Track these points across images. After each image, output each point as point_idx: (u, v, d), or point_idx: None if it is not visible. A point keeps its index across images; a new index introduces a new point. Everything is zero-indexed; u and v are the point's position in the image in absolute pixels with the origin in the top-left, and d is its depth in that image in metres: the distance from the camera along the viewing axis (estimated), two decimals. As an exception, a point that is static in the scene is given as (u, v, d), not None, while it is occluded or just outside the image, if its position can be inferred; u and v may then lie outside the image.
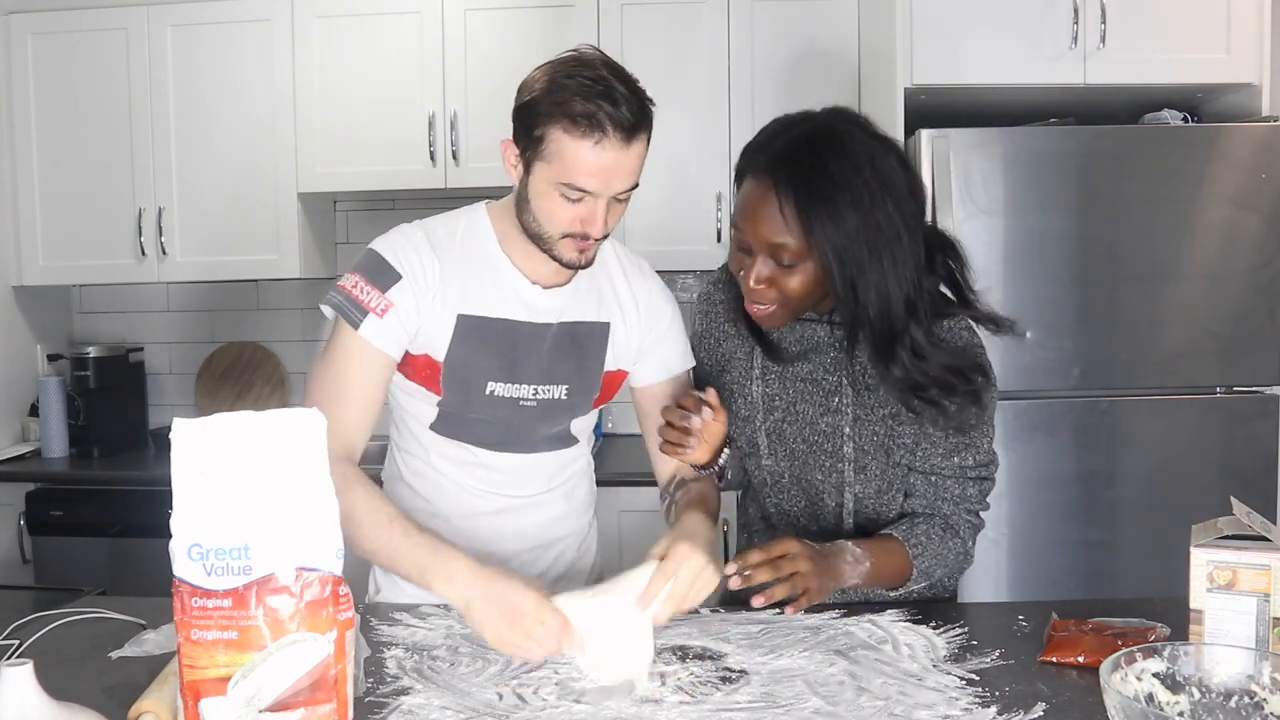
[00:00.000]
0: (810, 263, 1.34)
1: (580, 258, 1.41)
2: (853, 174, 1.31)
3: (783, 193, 1.32)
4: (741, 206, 1.38)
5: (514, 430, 1.52)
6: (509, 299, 1.48)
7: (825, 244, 1.31)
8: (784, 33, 3.04)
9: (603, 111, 1.30)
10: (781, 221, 1.32)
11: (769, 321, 1.44)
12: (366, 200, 3.47)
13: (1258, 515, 1.18)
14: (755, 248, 1.36)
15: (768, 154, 1.36)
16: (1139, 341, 2.58)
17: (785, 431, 1.54)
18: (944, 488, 1.49)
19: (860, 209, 1.30)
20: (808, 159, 1.33)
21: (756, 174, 1.36)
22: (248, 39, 3.15)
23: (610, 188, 1.35)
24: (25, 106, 3.24)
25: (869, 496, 1.52)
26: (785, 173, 1.32)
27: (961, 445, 1.47)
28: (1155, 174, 2.55)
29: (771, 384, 1.55)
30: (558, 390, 1.52)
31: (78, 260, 3.26)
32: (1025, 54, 2.63)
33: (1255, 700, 1.02)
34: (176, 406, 3.57)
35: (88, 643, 1.36)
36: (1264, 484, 2.58)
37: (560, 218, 1.37)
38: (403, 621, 1.45)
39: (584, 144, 1.31)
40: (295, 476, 0.99)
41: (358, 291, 1.43)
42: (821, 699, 1.16)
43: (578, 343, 1.52)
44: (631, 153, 1.34)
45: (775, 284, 1.37)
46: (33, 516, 3.00)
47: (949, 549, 1.47)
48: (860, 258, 1.31)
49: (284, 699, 0.97)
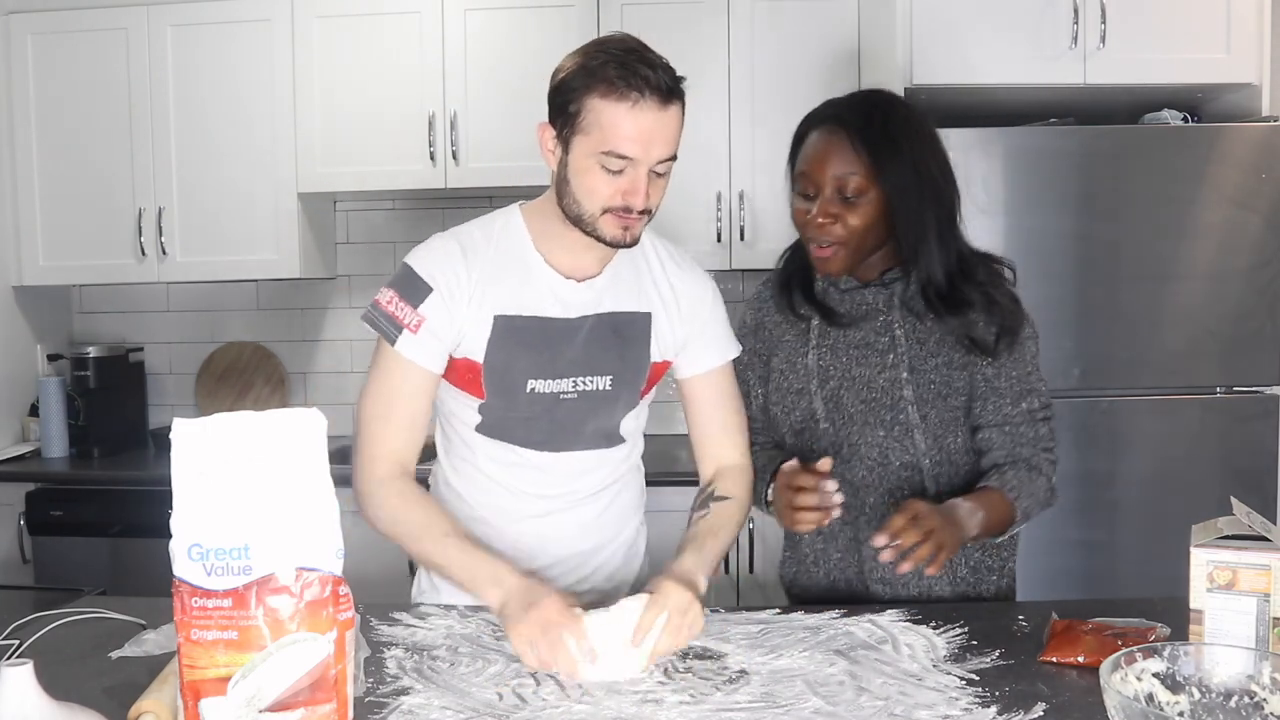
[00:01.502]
0: (872, 194, 1.49)
1: (625, 235, 1.41)
2: (909, 123, 1.54)
3: (852, 131, 1.50)
4: (809, 153, 1.53)
5: (558, 426, 1.52)
6: (543, 296, 1.48)
7: (888, 175, 1.49)
8: (784, 33, 3.04)
9: (638, 75, 1.32)
10: (852, 153, 1.49)
11: (831, 265, 1.54)
12: (366, 200, 3.47)
13: (1258, 515, 1.18)
14: (822, 185, 1.50)
15: (834, 107, 1.55)
16: (1139, 341, 2.58)
17: (842, 397, 1.59)
18: (1019, 434, 1.57)
19: (915, 155, 1.51)
20: (870, 107, 1.54)
21: (824, 123, 1.53)
22: (248, 39, 3.15)
23: (650, 154, 1.35)
24: (25, 106, 3.23)
25: (929, 445, 1.57)
26: (852, 116, 1.51)
27: (1025, 390, 1.57)
28: (1155, 174, 2.55)
29: (825, 355, 1.61)
30: (601, 381, 1.51)
31: (78, 260, 3.26)
32: (1025, 54, 2.63)
33: (1255, 700, 1.02)
34: (176, 406, 3.57)
35: (88, 643, 1.36)
36: (1264, 484, 2.58)
37: (601, 191, 1.37)
38: (403, 621, 1.45)
39: (621, 106, 1.32)
40: (295, 476, 0.99)
41: (392, 308, 1.45)
42: (821, 699, 1.16)
43: (619, 333, 1.52)
44: (669, 116, 1.35)
45: (840, 218, 1.50)
46: (33, 516, 3.00)
47: (1038, 487, 1.55)
48: (920, 190, 1.50)
49: (284, 699, 0.97)
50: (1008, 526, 1.53)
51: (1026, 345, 1.58)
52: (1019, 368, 1.57)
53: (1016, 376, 1.57)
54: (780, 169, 1.63)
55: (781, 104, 3.05)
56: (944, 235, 1.53)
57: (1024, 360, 1.58)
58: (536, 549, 1.54)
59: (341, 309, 3.51)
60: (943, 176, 1.54)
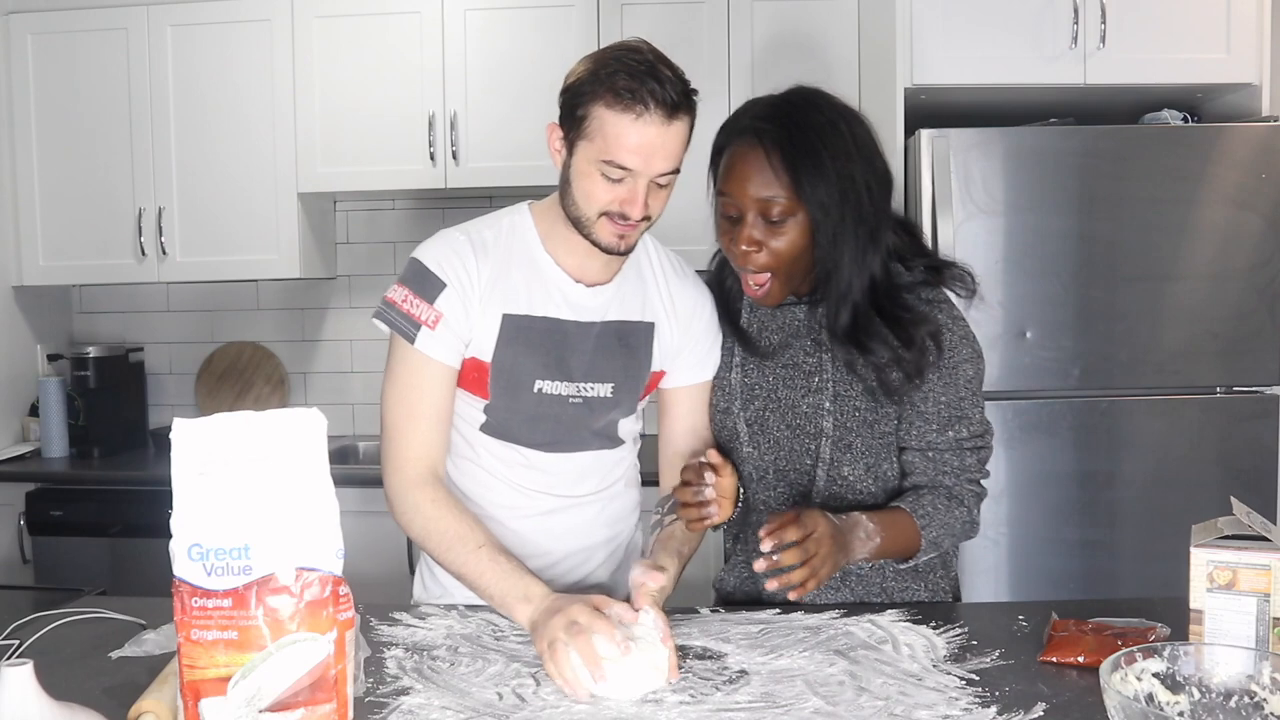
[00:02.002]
0: (798, 217, 1.40)
1: (619, 242, 1.42)
2: (830, 128, 1.41)
3: (770, 146, 1.39)
4: (728, 170, 1.44)
5: (562, 429, 1.53)
6: (554, 298, 1.49)
7: (811, 194, 1.38)
8: (783, 33, 3.03)
9: (645, 88, 1.32)
10: (771, 173, 1.39)
11: (766, 299, 1.47)
12: (366, 200, 3.47)
13: (1258, 515, 1.18)
14: (745, 207, 1.41)
15: (750, 116, 1.44)
16: (1139, 341, 2.58)
17: (768, 420, 1.55)
18: (942, 461, 1.50)
19: (839, 161, 1.39)
20: (790, 117, 1.42)
21: (741, 136, 1.43)
22: (248, 39, 3.15)
23: (651, 167, 1.36)
24: (25, 106, 3.23)
25: (857, 475, 1.52)
26: (771, 128, 1.40)
27: (954, 418, 1.49)
28: (1155, 174, 2.55)
29: (751, 373, 1.57)
30: (603, 388, 1.52)
31: (78, 260, 3.26)
32: (1025, 54, 2.63)
33: (1255, 700, 1.02)
34: (176, 406, 3.57)
35: (88, 643, 1.36)
36: (1264, 484, 2.58)
37: (600, 197, 1.38)
38: (403, 621, 1.45)
39: (625, 118, 1.33)
40: (295, 476, 0.99)
41: (408, 305, 1.45)
42: (821, 699, 1.16)
43: (624, 342, 1.53)
44: (673, 131, 1.36)
45: (765, 245, 1.42)
46: (33, 516, 3.00)
47: (955, 518, 1.49)
48: (842, 209, 1.40)
49: (284, 699, 0.97)
50: (911, 553, 1.48)
51: (961, 369, 1.49)
52: (950, 393, 1.48)
53: (946, 402, 1.48)
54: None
55: (781, 104, 3.05)
56: (859, 262, 1.42)
57: (956, 385, 1.49)
58: (537, 547, 1.55)
59: (341, 309, 3.51)
60: (870, 189, 1.42)
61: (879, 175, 1.45)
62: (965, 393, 1.49)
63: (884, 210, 1.45)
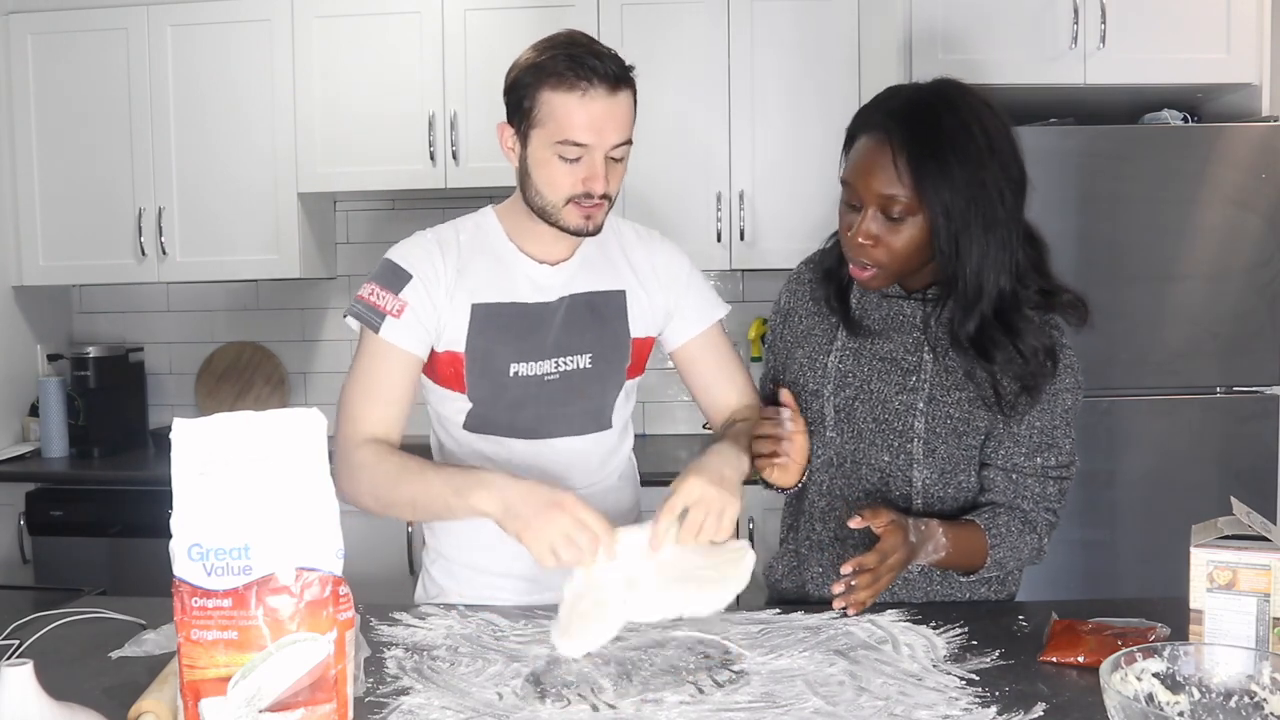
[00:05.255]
0: (919, 217, 1.38)
1: (587, 223, 1.45)
2: (962, 132, 1.36)
3: (897, 146, 1.37)
4: (855, 162, 1.43)
5: (543, 410, 1.53)
6: (518, 282, 1.52)
7: (934, 197, 1.35)
8: (784, 33, 3.04)
9: (586, 65, 1.38)
10: (894, 173, 1.37)
11: (870, 283, 1.46)
12: (366, 200, 3.47)
13: (1258, 515, 1.18)
14: (866, 201, 1.40)
15: (883, 111, 1.42)
16: (1139, 341, 2.58)
17: (855, 409, 1.53)
18: (1025, 486, 1.49)
19: (969, 166, 1.35)
20: (922, 115, 1.38)
21: (871, 130, 1.41)
22: (248, 39, 3.15)
23: (604, 139, 1.39)
24: (25, 106, 3.24)
25: (933, 481, 1.51)
26: (900, 127, 1.37)
27: (1045, 445, 1.48)
28: (1155, 174, 2.55)
29: (847, 360, 1.54)
30: (580, 360, 1.54)
31: (78, 260, 3.26)
32: (1025, 54, 2.63)
33: (1255, 700, 1.02)
34: (176, 406, 3.57)
35: (88, 643, 1.36)
36: (1264, 484, 2.58)
37: (562, 182, 1.41)
38: (403, 621, 1.44)
39: (572, 97, 1.38)
40: (295, 476, 0.99)
41: (374, 298, 1.49)
42: (821, 699, 1.16)
43: (595, 311, 1.55)
44: (619, 102, 1.40)
45: (882, 241, 1.40)
46: (33, 516, 3.00)
47: (1025, 544, 1.49)
48: (967, 214, 1.36)
49: (284, 699, 0.97)
50: (975, 569, 1.47)
51: (1061, 398, 1.47)
52: (1045, 419, 1.47)
53: (1040, 427, 1.47)
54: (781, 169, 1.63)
55: (782, 104, 3.05)
56: (989, 268, 1.38)
57: (1053, 412, 1.47)
58: None
59: (341, 309, 3.50)
60: (1003, 195, 1.37)
61: (1013, 180, 1.39)
62: (1060, 421, 1.48)
63: (1017, 216, 1.41)
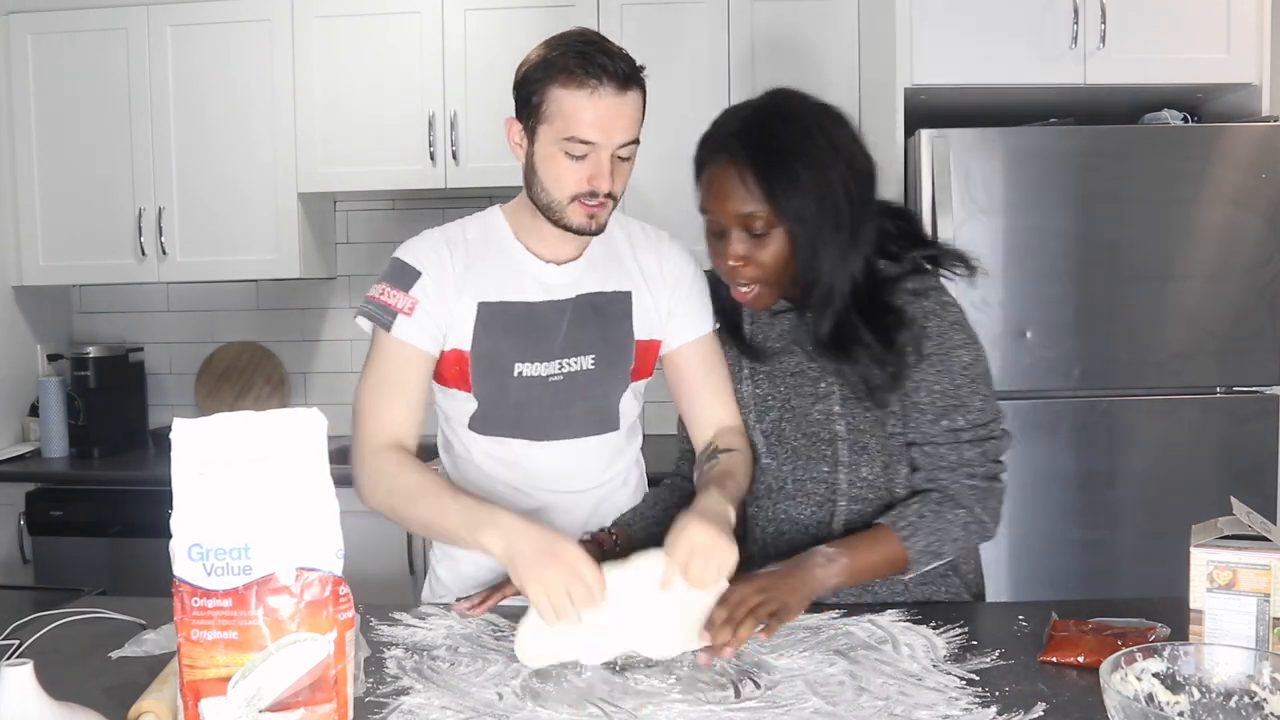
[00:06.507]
0: (780, 229, 1.40)
1: (591, 222, 1.44)
2: (804, 137, 1.39)
3: (743, 164, 1.38)
4: (708, 188, 1.43)
5: (547, 411, 1.52)
6: (525, 282, 1.51)
7: (788, 205, 1.38)
8: (784, 33, 3.04)
9: (595, 63, 1.37)
10: (746, 191, 1.39)
11: (756, 303, 1.47)
12: (366, 200, 3.47)
13: (1258, 515, 1.18)
14: (727, 223, 1.41)
15: (724, 134, 1.43)
16: (1139, 341, 2.58)
17: (784, 430, 1.54)
18: (938, 455, 1.46)
19: (814, 169, 1.38)
20: (762, 129, 1.41)
21: (716, 154, 1.42)
22: (248, 39, 3.15)
23: (611, 137, 1.39)
24: (25, 106, 3.24)
25: (875, 475, 1.50)
26: (743, 145, 1.39)
27: (950, 407, 1.45)
28: (1155, 174, 2.55)
29: (762, 384, 1.56)
30: (583, 360, 1.52)
31: (78, 260, 3.26)
32: (1025, 54, 2.63)
33: (1255, 700, 1.02)
34: (176, 406, 3.57)
35: (88, 643, 1.36)
36: (1264, 484, 2.58)
37: (567, 179, 1.41)
38: (403, 621, 1.44)
39: (581, 94, 1.37)
40: (295, 476, 0.99)
41: (385, 297, 1.49)
42: (821, 699, 1.16)
43: (600, 312, 1.54)
44: (628, 101, 1.39)
45: (752, 259, 1.42)
46: (33, 516, 3.00)
47: (949, 521, 1.43)
48: (820, 217, 1.38)
49: (284, 699, 0.97)
50: (902, 566, 1.42)
51: (954, 355, 1.44)
52: (944, 380, 1.44)
53: (940, 391, 1.44)
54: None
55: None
56: (839, 267, 1.40)
57: (950, 372, 1.44)
58: None
59: (341, 309, 3.51)
60: (849, 191, 1.40)
61: (859, 174, 1.42)
62: (962, 380, 1.45)
63: (865, 209, 1.43)
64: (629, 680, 1.23)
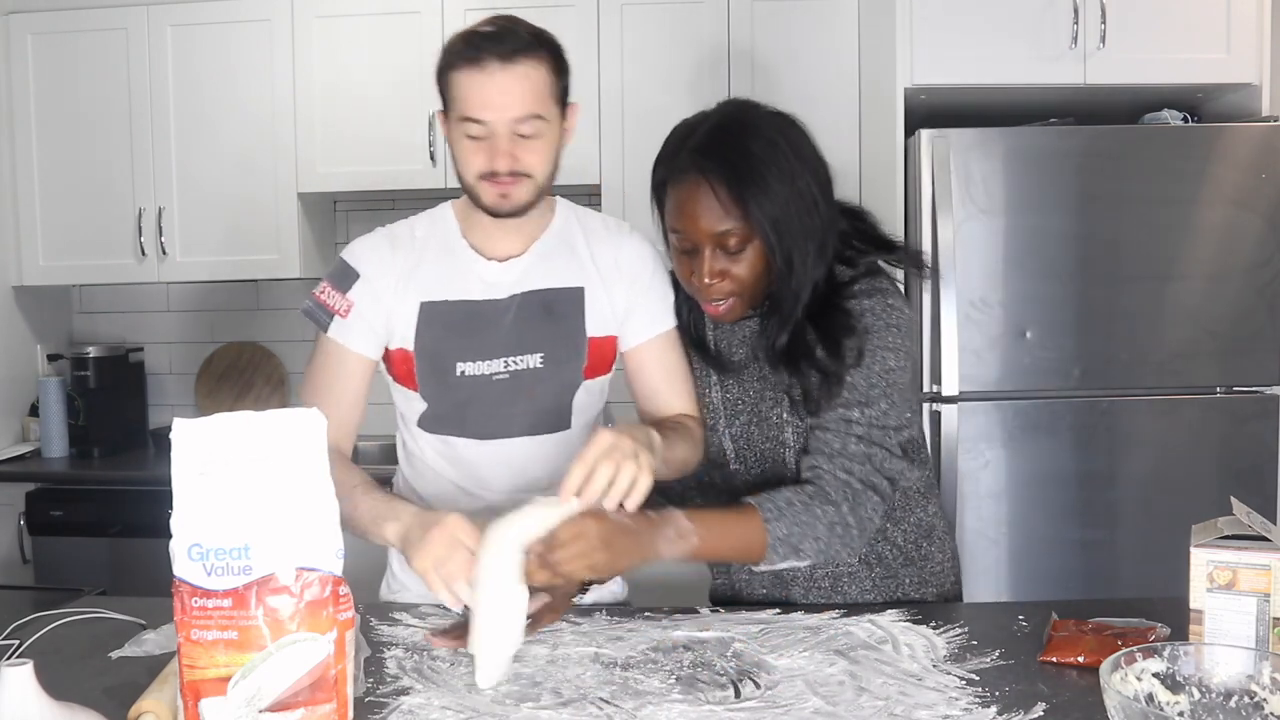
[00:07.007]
0: (755, 243, 1.38)
1: (502, 201, 1.44)
2: (770, 148, 1.37)
3: (715, 181, 1.36)
4: (678, 208, 1.40)
5: (492, 411, 1.51)
6: (467, 280, 1.52)
7: (764, 218, 1.35)
8: (784, 33, 3.04)
9: (484, 44, 1.40)
10: (720, 209, 1.36)
11: (728, 316, 1.45)
12: (366, 200, 3.47)
13: (1258, 515, 1.18)
14: (701, 242, 1.39)
15: (688, 151, 1.39)
16: (1139, 341, 2.58)
17: (752, 435, 1.52)
18: (824, 440, 1.40)
19: (784, 180, 1.36)
20: (727, 144, 1.37)
21: (682, 173, 1.39)
22: (248, 39, 3.15)
23: (502, 113, 1.39)
24: (25, 106, 3.24)
25: None
26: (712, 162, 1.36)
27: (855, 401, 1.40)
28: (1155, 174, 2.55)
29: (731, 389, 1.54)
30: (531, 359, 1.51)
31: (78, 260, 3.26)
32: (1025, 54, 2.63)
33: (1255, 700, 1.02)
34: (176, 406, 3.57)
35: (88, 643, 1.36)
36: (1264, 484, 2.58)
37: (470, 159, 1.43)
38: (403, 621, 1.44)
39: (469, 73, 1.40)
40: (295, 476, 0.99)
41: (325, 297, 1.52)
42: (821, 699, 1.16)
43: (550, 310, 1.52)
44: (515, 74, 1.39)
45: (729, 274, 1.40)
46: (33, 516, 3.00)
47: (817, 516, 1.35)
48: (794, 227, 1.37)
49: (284, 699, 0.97)
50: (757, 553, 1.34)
51: (879, 355, 1.40)
52: (858, 375, 1.40)
53: (850, 383, 1.40)
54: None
55: (782, 105, 3.04)
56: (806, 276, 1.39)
57: (869, 370, 1.40)
58: None
59: (341, 309, 3.50)
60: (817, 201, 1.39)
61: (822, 179, 1.41)
62: (877, 380, 1.40)
63: (831, 213, 1.42)
64: (629, 680, 1.23)
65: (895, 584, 1.55)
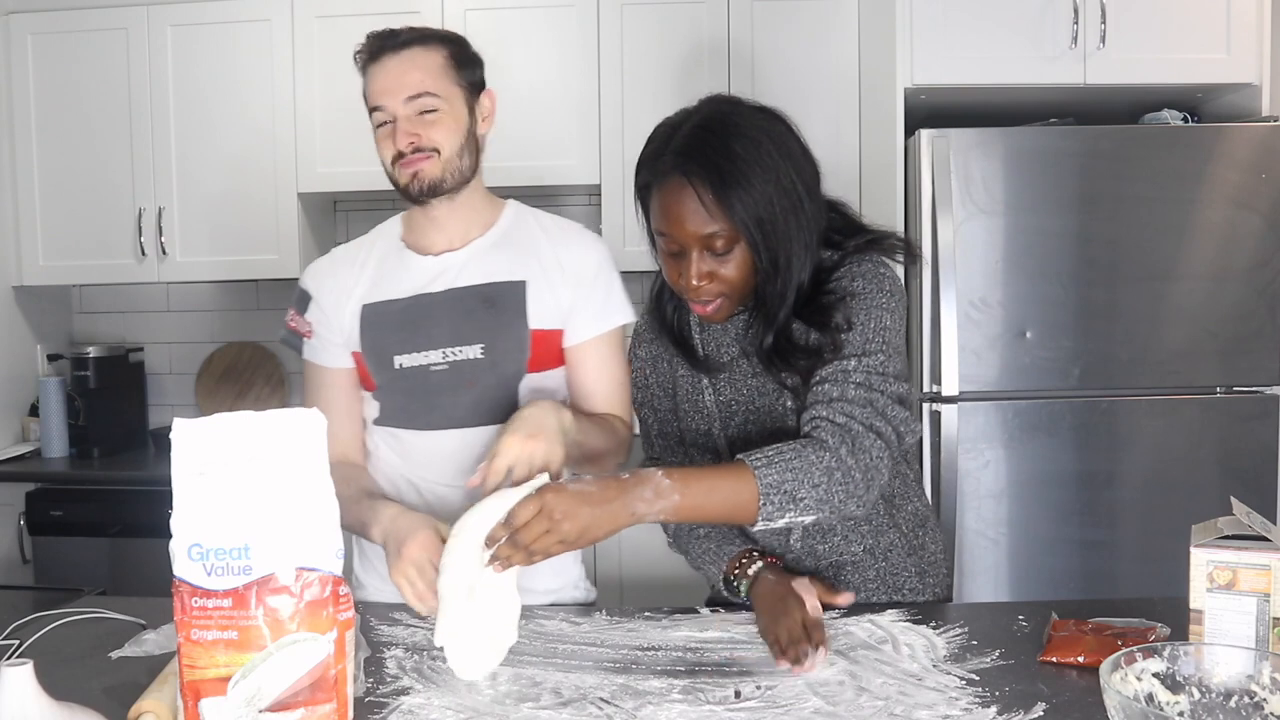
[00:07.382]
0: (742, 243, 1.37)
1: (414, 181, 1.52)
2: (753, 146, 1.35)
3: (699, 184, 1.34)
4: (663, 211, 1.38)
5: (433, 400, 1.55)
6: (401, 279, 1.58)
7: (749, 219, 1.34)
8: (784, 33, 3.04)
9: (380, 40, 1.51)
10: (706, 211, 1.35)
11: (716, 316, 1.45)
12: (366, 200, 3.46)
13: (1258, 515, 1.18)
14: (688, 245, 1.38)
15: (671, 153, 1.37)
16: (1139, 341, 2.58)
17: (750, 433, 1.51)
18: (821, 392, 1.37)
19: (769, 178, 1.35)
20: (710, 145, 1.35)
21: (666, 176, 1.37)
22: (248, 39, 3.15)
23: (397, 94, 1.48)
24: (25, 106, 3.23)
25: None
26: (694, 164, 1.35)
27: (853, 354, 1.37)
28: (1155, 174, 2.56)
29: (723, 391, 1.53)
30: (470, 350, 1.54)
31: (78, 260, 3.26)
32: (1025, 54, 2.63)
33: (1255, 700, 1.02)
34: (176, 406, 3.57)
35: (88, 643, 1.36)
36: (1264, 484, 2.58)
37: (383, 148, 1.53)
38: (403, 621, 1.45)
39: (370, 69, 1.51)
40: (295, 476, 0.99)
41: (293, 323, 1.64)
42: (821, 699, 1.16)
43: (491, 302, 1.55)
44: (405, 58, 1.49)
45: (717, 275, 1.39)
46: (33, 516, 3.00)
47: (811, 462, 1.29)
48: (780, 227, 1.36)
49: (284, 699, 0.97)
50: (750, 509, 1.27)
51: (874, 315, 1.38)
52: (856, 332, 1.38)
53: (850, 339, 1.38)
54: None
55: (782, 104, 3.04)
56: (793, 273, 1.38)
57: (864, 326, 1.38)
58: None
59: (341, 309, 3.50)
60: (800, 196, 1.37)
61: (808, 174, 1.40)
62: (874, 335, 1.38)
63: (817, 208, 1.41)
64: (629, 680, 1.23)
65: (895, 576, 1.54)
